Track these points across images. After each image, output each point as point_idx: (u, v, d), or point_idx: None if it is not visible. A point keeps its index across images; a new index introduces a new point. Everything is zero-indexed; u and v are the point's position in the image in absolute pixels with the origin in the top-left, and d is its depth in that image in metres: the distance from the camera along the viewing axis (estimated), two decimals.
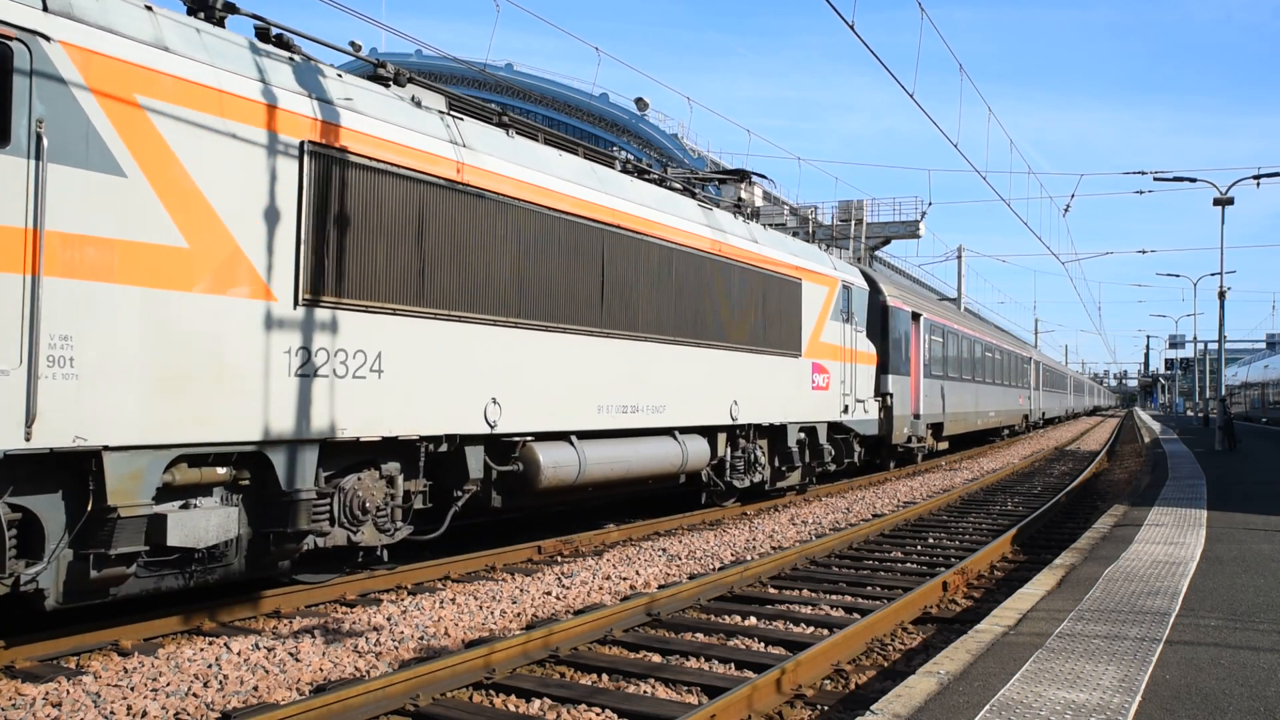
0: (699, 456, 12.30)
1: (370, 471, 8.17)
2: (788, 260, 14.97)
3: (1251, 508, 12.60)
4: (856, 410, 17.47)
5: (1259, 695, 4.74)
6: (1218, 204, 28.23)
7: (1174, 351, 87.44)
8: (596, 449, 10.39)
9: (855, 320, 17.49)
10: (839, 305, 16.77)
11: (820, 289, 16.05)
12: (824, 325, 16.09)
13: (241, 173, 6.89)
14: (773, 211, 47.84)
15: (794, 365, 14.99)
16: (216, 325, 6.69)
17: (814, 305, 15.77)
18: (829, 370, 16.15)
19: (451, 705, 5.76)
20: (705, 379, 12.57)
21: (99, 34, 6.07)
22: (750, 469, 13.88)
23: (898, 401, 20.05)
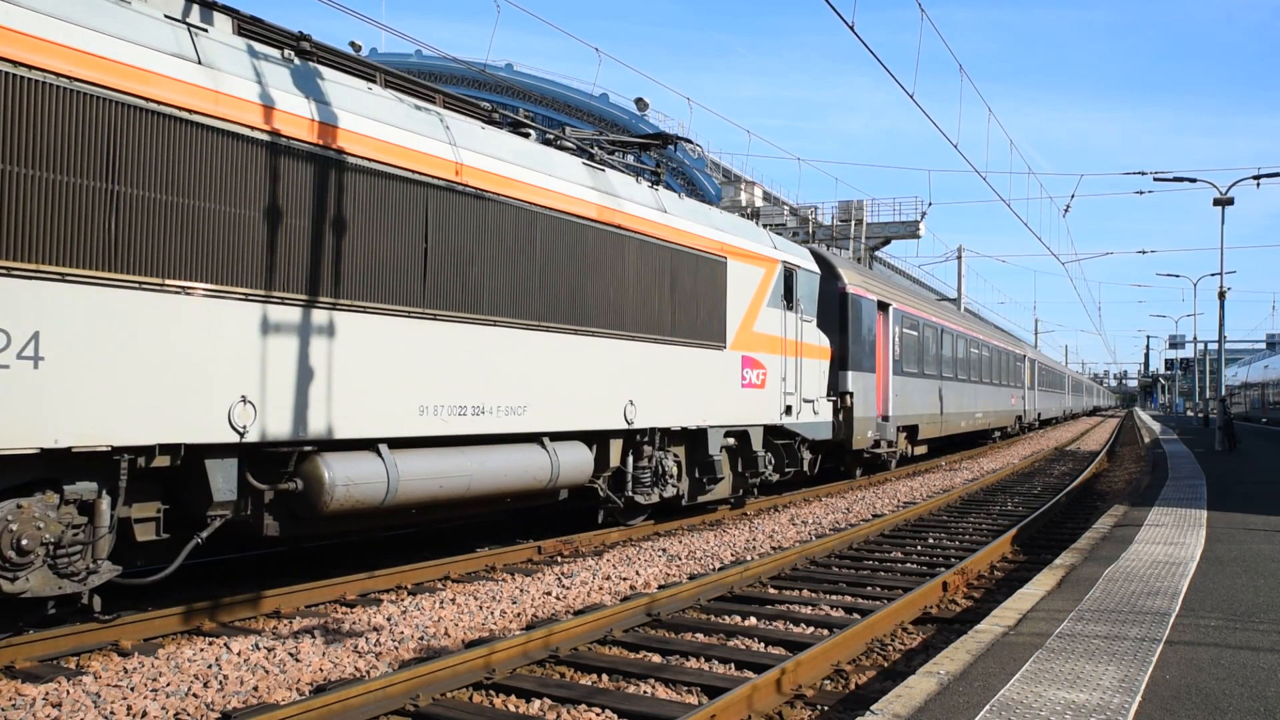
0: (577, 468, 10.10)
1: (44, 495, 6.13)
2: (708, 235, 12.68)
3: (1251, 508, 12.60)
4: (803, 411, 15.08)
5: (1259, 695, 4.74)
6: (1218, 204, 28.24)
7: (1174, 352, 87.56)
8: (418, 461, 8.22)
9: (802, 308, 15.09)
10: (779, 290, 14.31)
11: (753, 270, 13.63)
12: (759, 313, 13.74)
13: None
14: (773, 212, 47.90)
15: (717, 359, 12.72)
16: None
17: (744, 289, 13.40)
18: (765, 365, 13.83)
19: (451, 705, 5.76)
20: (587, 374, 10.34)
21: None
22: (659, 481, 11.87)
23: (860, 402, 17.83)
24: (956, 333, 27.73)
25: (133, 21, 6.47)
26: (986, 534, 12.91)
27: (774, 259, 14.32)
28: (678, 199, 12.63)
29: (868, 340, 18.75)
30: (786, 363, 14.59)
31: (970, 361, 29.41)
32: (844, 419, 17.24)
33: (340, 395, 7.70)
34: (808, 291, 15.48)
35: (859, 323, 18.30)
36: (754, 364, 13.63)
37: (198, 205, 6.69)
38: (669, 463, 12.02)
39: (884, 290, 20.85)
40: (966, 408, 28.53)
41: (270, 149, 7.14)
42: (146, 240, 6.39)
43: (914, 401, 22.15)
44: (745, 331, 13.44)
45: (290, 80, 7.49)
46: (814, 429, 15.57)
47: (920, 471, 23.27)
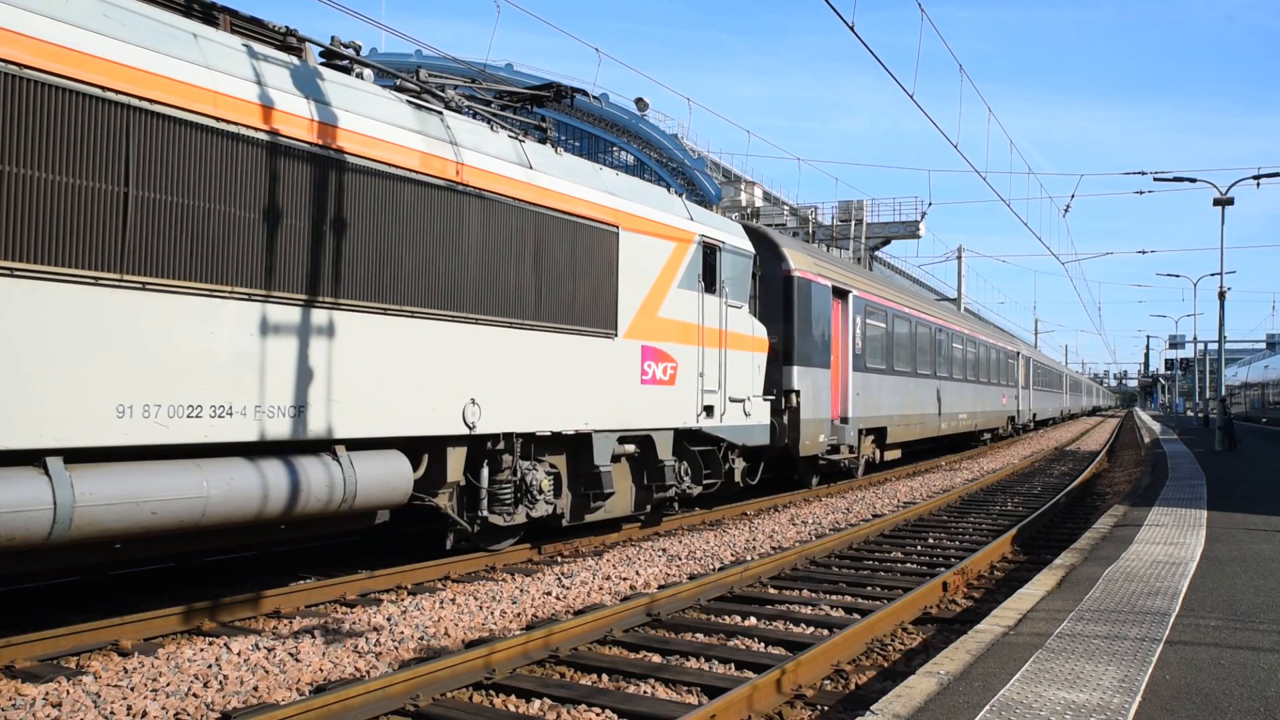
0: (386, 484, 7.95)
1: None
2: (593, 199, 10.46)
3: (1251, 508, 12.60)
4: (729, 413, 12.90)
5: (1259, 696, 4.74)
6: (1218, 204, 28.25)
7: (1174, 352, 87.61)
8: (114, 480, 6.21)
9: (728, 292, 12.91)
10: (695, 270, 12.16)
11: (659, 245, 11.50)
12: (666, 296, 11.57)
13: None
14: (773, 212, 47.93)
15: (604, 350, 10.53)
16: None
17: (646, 266, 11.24)
18: (676, 358, 11.63)
19: (451, 705, 5.76)
20: (403, 366, 8.19)
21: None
22: (525, 498, 9.78)
23: (808, 401, 15.56)
24: (936, 326, 25.23)
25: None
26: (986, 534, 12.91)
27: (689, 232, 12.14)
28: (554, 154, 10.31)
29: (820, 332, 16.43)
30: (706, 355, 12.36)
31: (953, 358, 27.04)
32: (789, 421, 15.07)
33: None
34: (738, 273, 13.29)
35: (808, 311, 15.97)
36: (660, 356, 11.40)
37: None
38: (538, 475, 9.81)
39: (843, 275, 18.40)
40: (948, 408, 26.01)
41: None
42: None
43: (881, 401, 19.86)
44: (647, 317, 11.21)
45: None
46: (744, 433, 13.29)
47: (920, 471, 23.27)
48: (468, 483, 9.22)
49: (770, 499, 15.76)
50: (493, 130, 9.64)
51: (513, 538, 10.25)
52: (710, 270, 12.62)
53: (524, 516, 9.82)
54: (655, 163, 77.10)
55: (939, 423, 24.98)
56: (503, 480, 9.52)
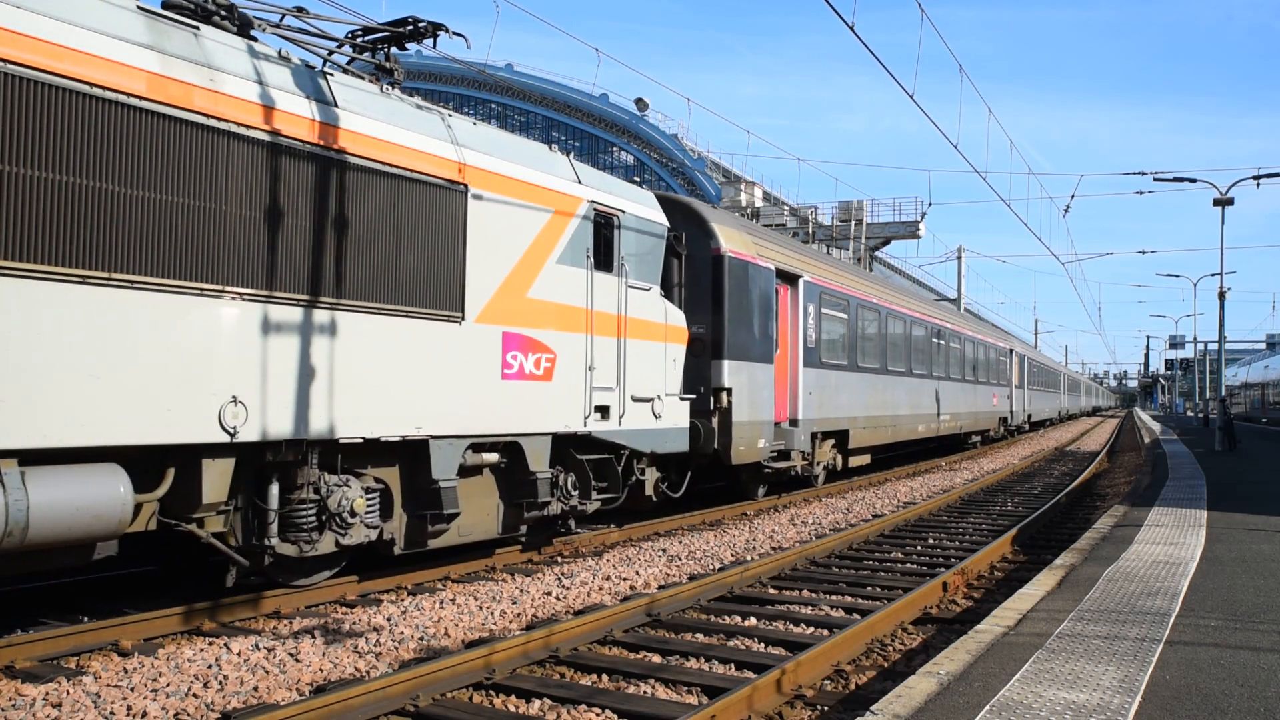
0: (89, 509, 6.05)
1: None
2: (427, 149, 8.46)
3: (1251, 508, 12.60)
4: (633, 414, 11.01)
5: (1259, 696, 4.74)
6: (1218, 204, 28.27)
7: (1174, 352, 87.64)
8: None
9: (629, 271, 11.00)
10: (583, 243, 10.21)
11: (529, 212, 9.52)
12: (540, 273, 9.63)
13: None
14: (773, 212, 47.95)
15: (445, 337, 8.55)
16: None
17: (510, 237, 9.28)
18: (554, 349, 9.74)
19: (451, 705, 5.76)
20: (111, 352, 6.25)
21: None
22: (336, 522, 7.83)
23: (743, 401, 13.52)
24: (911, 318, 22.86)
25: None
26: (986, 534, 12.91)
27: (575, 198, 10.15)
28: (379, 94, 8.40)
29: (759, 321, 14.27)
30: (597, 345, 10.41)
31: (934, 354, 24.73)
32: (719, 424, 13.10)
33: None
34: (644, 249, 11.37)
35: (743, 297, 13.81)
36: (530, 345, 9.44)
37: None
38: (349, 494, 7.86)
39: (790, 257, 16.03)
40: (928, 408, 23.77)
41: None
42: None
43: (840, 401, 17.58)
44: (511, 298, 9.28)
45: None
46: (652, 438, 11.36)
47: (920, 472, 23.27)
48: (249, 503, 7.42)
49: (770, 500, 15.75)
50: (281, 58, 7.68)
51: (329, 569, 8.37)
52: (606, 244, 10.65)
53: (333, 544, 7.91)
54: (655, 163, 77.14)
55: (916, 424, 22.77)
56: (300, 500, 7.58)
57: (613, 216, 10.82)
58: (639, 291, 11.26)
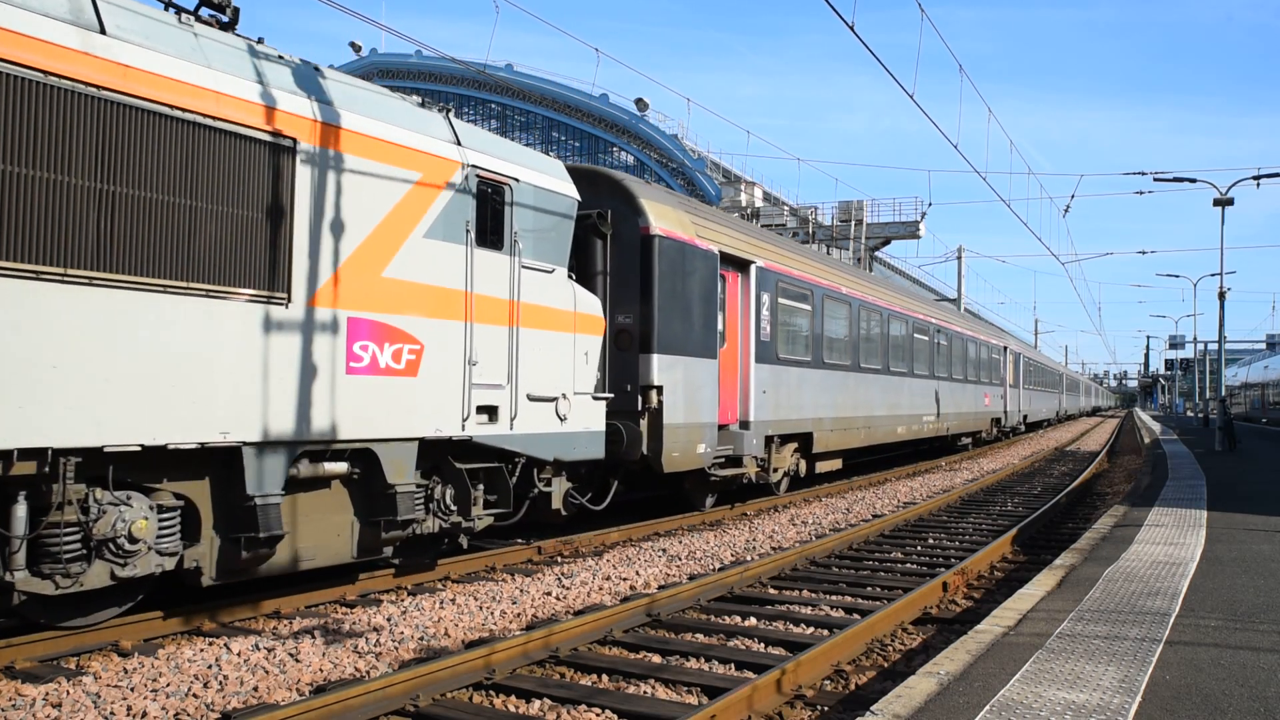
0: None
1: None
2: (234, 93, 6.96)
3: (1251, 508, 12.60)
4: (530, 415, 9.54)
5: (1259, 696, 4.74)
6: (1218, 204, 28.27)
7: (1174, 352, 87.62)
8: None
9: (524, 249, 9.50)
10: (461, 215, 8.76)
11: (390, 175, 8.11)
12: (401, 248, 8.18)
13: None
14: (773, 212, 47.97)
15: (262, 321, 7.12)
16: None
17: (358, 203, 7.84)
18: (420, 338, 8.33)
19: (451, 705, 5.76)
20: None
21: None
22: (110, 549, 6.42)
23: (679, 401, 12.03)
24: (889, 312, 21.11)
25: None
26: (986, 534, 12.91)
27: (449, 161, 8.69)
28: (175, 24, 6.92)
29: (698, 311, 12.67)
30: (479, 336, 8.96)
31: (915, 350, 23.09)
32: (649, 426, 11.64)
33: None
34: (546, 226, 9.83)
35: (678, 283, 12.22)
36: (386, 334, 8.06)
37: None
38: (129, 515, 6.47)
39: (739, 239, 14.35)
40: (908, 409, 22.11)
41: None
42: None
43: (802, 401, 15.95)
44: (360, 277, 7.85)
45: None
46: (556, 443, 9.91)
47: (920, 472, 23.27)
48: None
49: (770, 500, 15.74)
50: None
51: (117, 605, 7.00)
52: (493, 218, 9.19)
53: (108, 577, 6.46)
54: (655, 163, 77.17)
55: (895, 426, 21.14)
56: (55, 524, 6.15)
57: (503, 186, 9.29)
58: (538, 274, 9.69)
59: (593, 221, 11.52)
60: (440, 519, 8.82)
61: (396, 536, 8.36)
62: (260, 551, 7.23)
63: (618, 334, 11.73)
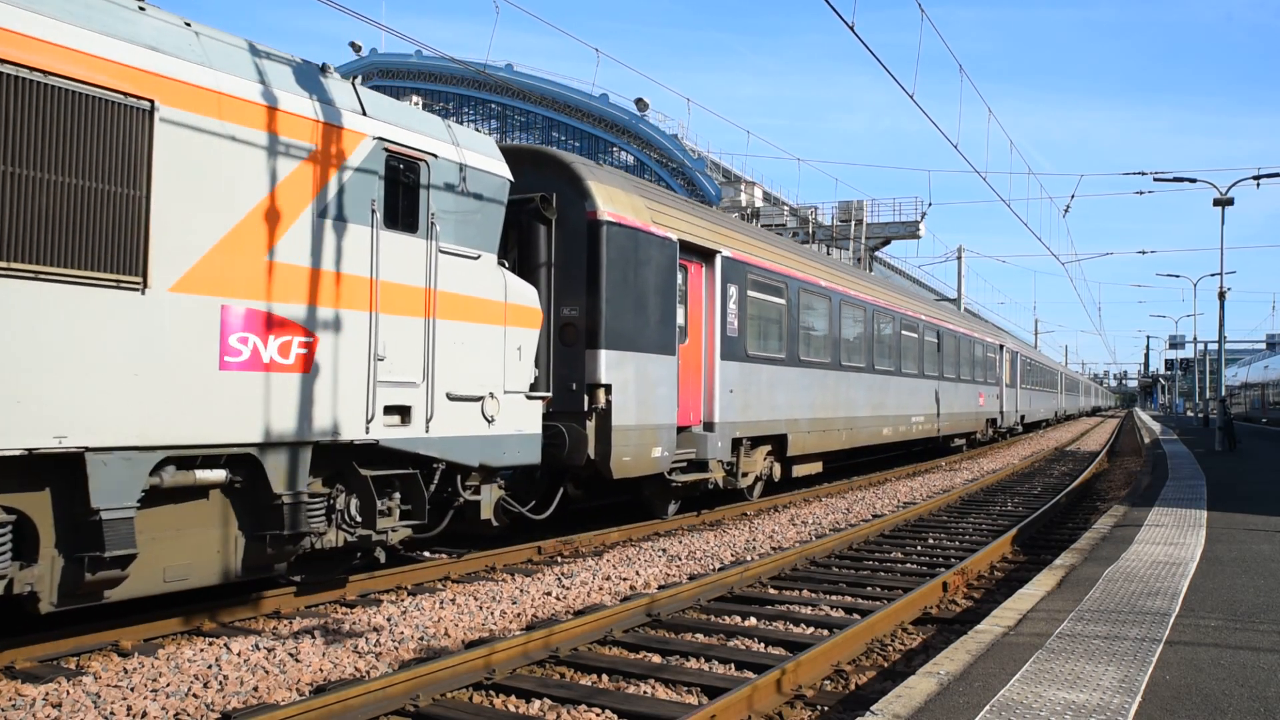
0: None
1: None
2: (72, 43, 6.10)
3: (1251, 508, 12.61)
4: (451, 417, 8.66)
5: (1259, 696, 4.74)
6: (1218, 204, 28.28)
7: (1174, 352, 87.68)
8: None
9: (442, 233, 8.59)
10: (367, 194, 7.90)
11: (278, 146, 7.23)
12: (289, 229, 7.28)
13: None
14: (773, 212, 47.98)
15: (111, 310, 6.24)
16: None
17: (234, 177, 6.92)
18: (314, 330, 7.45)
19: (451, 705, 5.76)
20: None
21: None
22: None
23: (630, 401, 11.11)
24: (874, 307, 20.11)
25: None
26: (986, 534, 12.91)
27: (352, 132, 7.84)
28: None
29: (654, 303, 11.74)
30: (387, 328, 8.08)
31: (903, 347, 22.08)
32: (596, 428, 10.76)
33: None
34: (471, 208, 8.94)
35: (629, 273, 11.27)
36: (272, 325, 7.14)
37: None
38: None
39: (703, 227, 13.38)
40: (895, 409, 21.17)
41: None
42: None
43: (776, 401, 14.99)
44: (238, 260, 6.93)
45: None
46: (484, 447, 9.03)
47: (920, 472, 23.27)
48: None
49: (770, 500, 15.73)
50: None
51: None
52: (407, 198, 8.34)
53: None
54: (655, 163, 77.20)
55: (880, 427, 20.17)
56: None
57: (418, 162, 8.42)
58: (462, 260, 8.79)
59: (535, 206, 10.63)
60: (346, 532, 7.98)
61: (288, 552, 7.45)
62: (109, 573, 6.29)
63: (563, 328, 10.87)
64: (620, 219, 11.19)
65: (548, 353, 10.66)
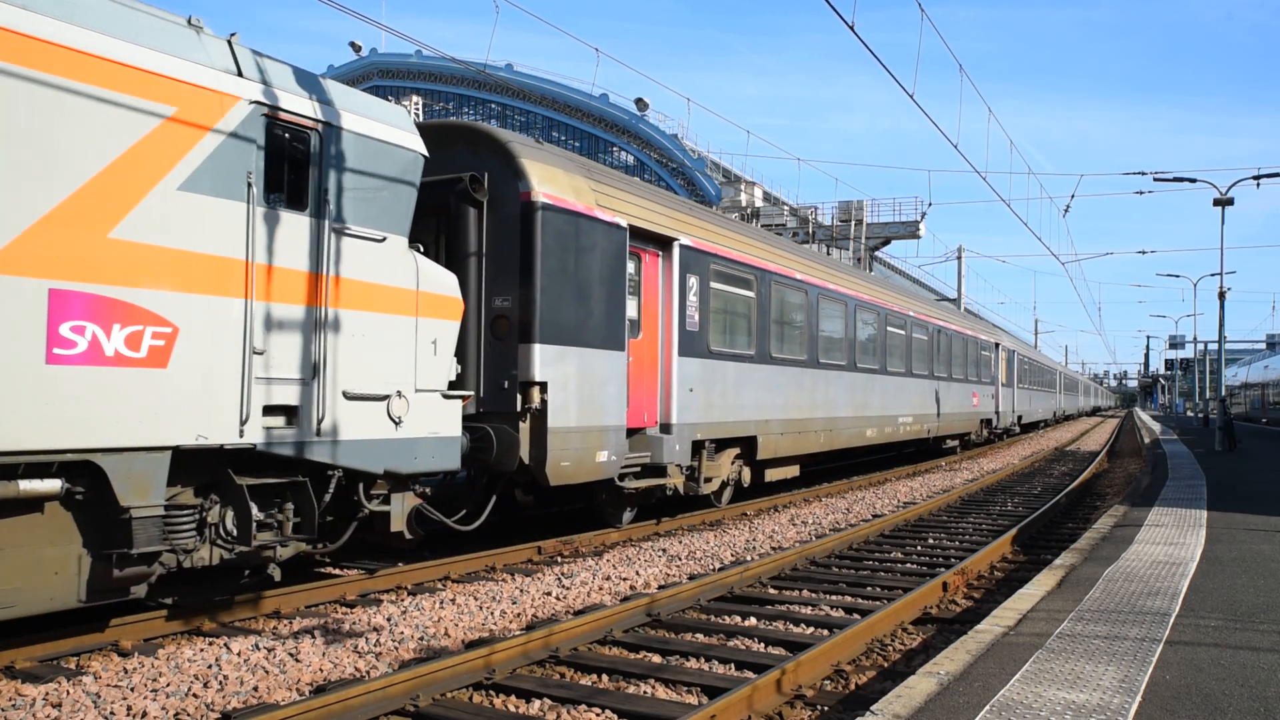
0: None
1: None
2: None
3: (1251, 508, 12.61)
4: (351, 418, 7.73)
5: (1259, 696, 4.74)
6: (1218, 204, 28.28)
7: (1174, 352, 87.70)
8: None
9: (340, 212, 7.64)
10: (242, 164, 6.98)
11: (117, 108, 6.30)
12: (141, 202, 6.39)
13: None
14: (773, 212, 47.99)
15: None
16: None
17: (66, 140, 6.02)
18: (174, 319, 6.54)
19: (451, 705, 5.76)
20: None
21: None
22: None
23: (570, 401, 10.17)
24: (856, 301, 19.06)
25: None
26: (986, 534, 12.91)
27: (222, 95, 6.88)
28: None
29: (599, 294, 10.77)
30: (268, 317, 7.13)
31: (889, 344, 21.05)
32: (531, 430, 9.82)
33: None
34: (376, 185, 8.01)
35: (569, 260, 10.31)
36: (116, 313, 6.24)
37: None
38: None
39: (658, 212, 12.31)
40: (877, 409, 20.04)
41: None
42: None
43: (743, 401, 14.04)
44: (74, 236, 6.03)
45: None
46: (390, 451, 8.07)
47: (920, 472, 23.27)
48: None
49: (770, 500, 15.71)
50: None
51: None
52: (294, 170, 7.39)
53: None
54: (655, 163, 77.20)
55: (864, 429, 19.12)
56: None
57: (307, 131, 7.44)
58: (363, 243, 7.87)
59: (464, 187, 9.72)
60: (222, 548, 7.10)
61: (142, 573, 6.45)
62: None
63: (495, 321, 9.93)
64: (559, 201, 10.23)
65: (478, 348, 9.88)
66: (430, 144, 9.17)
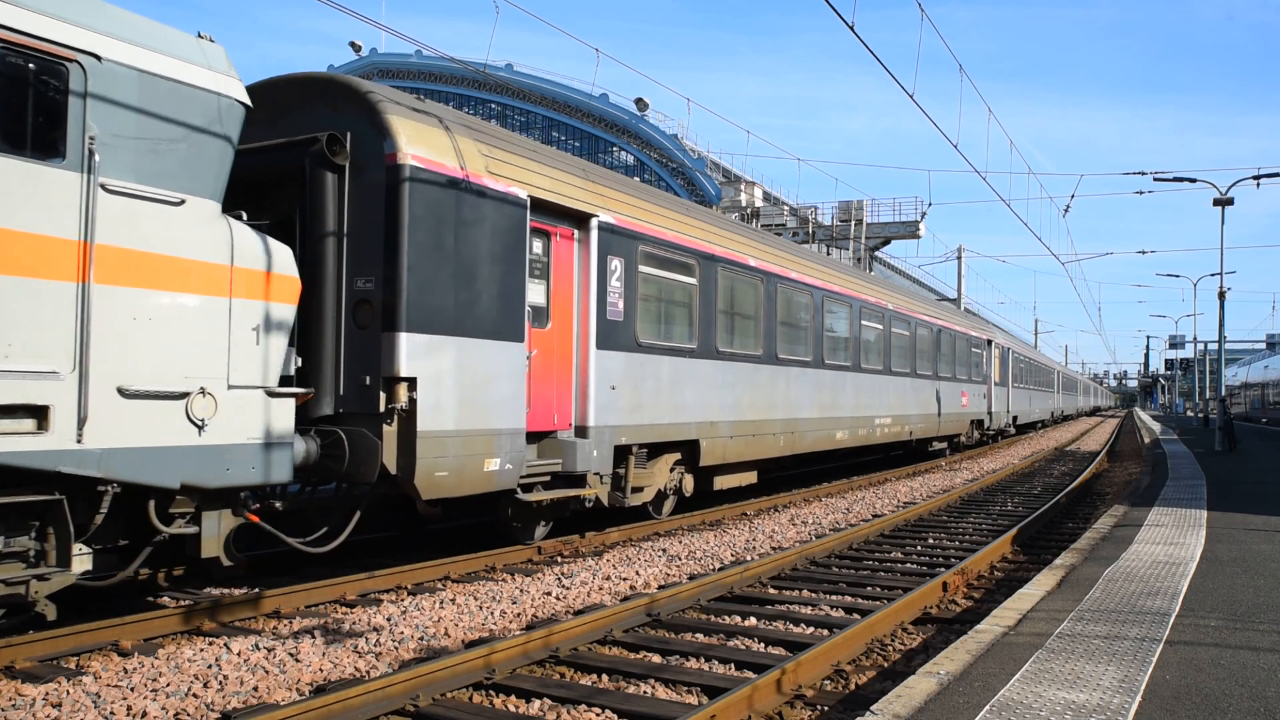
0: None
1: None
2: None
3: (1251, 508, 12.61)
4: (133, 420, 6.27)
5: (1259, 696, 4.74)
6: (1218, 204, 28.28)
7: (1174, 352, 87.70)
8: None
9: (115, 166, 6.22)
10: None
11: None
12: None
13: None
14: (773, 212, 48.00)
15: None
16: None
17: None
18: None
19: (451, 705, 5.76)
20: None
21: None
22: None
23: (449, 400, 8.69)
24: (823, 291, 17.37)
25: None
26: (986, 534, 12.91)
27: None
28: None
29: (485, 274, 9.25)
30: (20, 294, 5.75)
31: (863, 339, 19.40)
32: (398, 434, 8.37)
33: None
34: (167, 134, 6.57)
35: (447, 235, 8.84)
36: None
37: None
38: None
39: (571, 183, 10.72)
40: (847, 409, 18.28)
41: None
42: None
43: (683, 400, 12.51)
44: None
45: None
46: (189, 461, 6.59)
47: (920, 472, 23.27)
48: None
49: (770, 499, 15.70)
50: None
51: None
52: (44, 112, 5.95)
53: None
54: (655, 163, 77.19)
55: (834, 430, 17.51)
56: None
57: (65, 63, 6.01)
58: (150, 204, 6.43)
59: (320, 149, 8.30)
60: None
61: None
62: None
63: (357, 306, 8.48)
64: (434, 165, 8.68)
65: (337, 338, 8.41)
66: (285, 100, 8.33)
